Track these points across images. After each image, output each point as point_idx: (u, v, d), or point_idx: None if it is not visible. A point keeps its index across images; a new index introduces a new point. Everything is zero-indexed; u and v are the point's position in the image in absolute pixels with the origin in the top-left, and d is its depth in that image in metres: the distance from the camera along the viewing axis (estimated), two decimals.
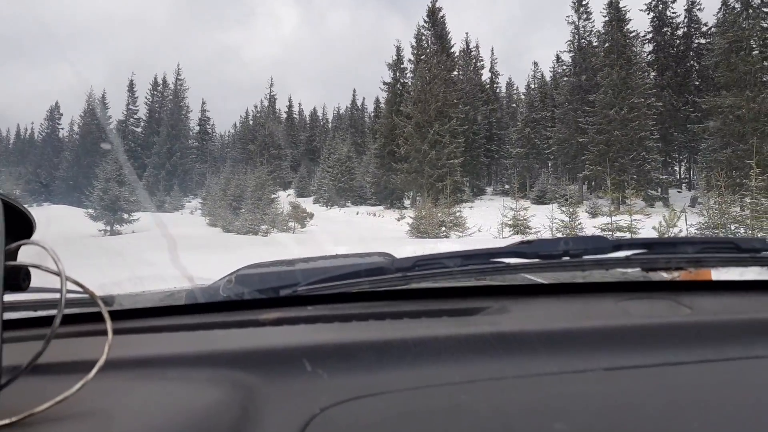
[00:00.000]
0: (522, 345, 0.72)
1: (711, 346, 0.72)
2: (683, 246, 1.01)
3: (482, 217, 25.45)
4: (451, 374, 0.65)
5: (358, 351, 0.70)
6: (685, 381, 0.64)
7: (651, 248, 1.01)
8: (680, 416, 0.55)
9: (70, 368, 0.62)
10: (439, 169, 35.72)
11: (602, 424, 0.53)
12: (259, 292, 0.96)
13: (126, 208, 26.38)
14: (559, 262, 0.96)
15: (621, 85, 33.96)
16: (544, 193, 36.53)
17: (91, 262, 10.13)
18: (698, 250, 1.00)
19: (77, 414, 0.52)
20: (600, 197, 29.86)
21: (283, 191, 49.57)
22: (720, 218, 13.83)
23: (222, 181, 37.54)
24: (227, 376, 0.65)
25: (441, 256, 0.97)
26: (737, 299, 0.98)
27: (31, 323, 0.91)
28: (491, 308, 0.88)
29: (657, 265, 0.99)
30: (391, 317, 0.86)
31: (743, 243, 1.01)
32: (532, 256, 0.97)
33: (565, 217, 18.33)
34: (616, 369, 0.66)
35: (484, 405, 0.58)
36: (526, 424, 0.54)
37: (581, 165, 36.94)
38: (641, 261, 0.98)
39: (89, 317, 0.91)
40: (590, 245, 0.97)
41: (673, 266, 0.99)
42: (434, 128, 36.41)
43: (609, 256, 0.97)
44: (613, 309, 0.88)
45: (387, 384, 0.62)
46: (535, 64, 62.55)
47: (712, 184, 15.41)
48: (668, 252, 1.01)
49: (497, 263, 0.97)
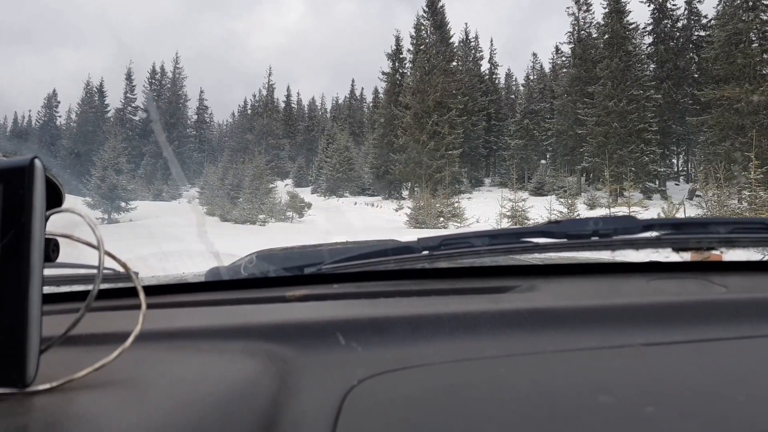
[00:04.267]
0: (557, 321, 0.71)
1: (747, 323, 0.71)
2: (715, 226, 1.01)
3: (480, 208, 25.47)
4: (488, 348, 0.64)
5: (390, 325, 0.70)
6: (724, 356, 0.64)
7: (680, 228, 1.01)
8: (725, 389, 0.55)
9: (105, 339, 0.63)
10: (438, 160, 35.70)
11: (647, 397, 0.53)
12: (284, 270, 0.96)
13: (124, 197, 26.33)
14: (589, 242, 0.96)
15: (620, 77, 33.92)
16: (543, 185, 36.56)
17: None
18: (730, 230, 0.99)
19: (116, 381, 0.53)
20: (598, 189, 29.93)
21: (281, 181, 49.49)
22: (718, 210, 13.88)
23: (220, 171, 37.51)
24: (261, 348, 0.65)
25: (468, 235, 0.97)
26: (766, 278, 0.97)
27: (60, 298, 0.91)
28: (521, 287, 0.87)
29: (688, 245, 0.98)
30: (419, 295, 0.85)
31: None
32: (561, 236, 0.97)
33: (564, 209, 18.38)
34: (653, 345, 0.65)
35: (525, 378, 0.58)
36: (568, 396, 0.53)
37: (580, 157, 36.96)
38: (672, 241, 0.97)
39: (119, 292, 0.92)
40: (620, 225, 0.97)
41: (704, 246, 0.98)
42: (433, 119, 36.36)
43: (639, 236, 0.96)
44: (644, 287, 0.88)
45: (423, 357, 0.62)
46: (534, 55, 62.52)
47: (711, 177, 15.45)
48: (699, 232, 1.01)
49: (525, 242, 0.96)
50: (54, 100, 65.66)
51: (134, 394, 0.51)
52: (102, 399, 0.49)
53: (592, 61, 38.11)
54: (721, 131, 29.54)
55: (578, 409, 0.51)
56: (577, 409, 0.51)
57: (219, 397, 0.50)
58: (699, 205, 15.19)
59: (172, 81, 60.85)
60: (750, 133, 22.84)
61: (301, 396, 0.54)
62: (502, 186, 37.83)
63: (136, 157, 50.24)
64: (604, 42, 36.53)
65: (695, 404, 0.52)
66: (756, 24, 30.10)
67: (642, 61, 37.42)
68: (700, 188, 17.02)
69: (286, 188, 40.26)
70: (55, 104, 65.54)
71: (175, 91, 60.37)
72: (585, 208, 23.79)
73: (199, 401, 0.49)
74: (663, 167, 37.51)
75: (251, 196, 26.19)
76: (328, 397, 0.53)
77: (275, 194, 28.40)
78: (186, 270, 1.24)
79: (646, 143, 33.30)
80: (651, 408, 0.50)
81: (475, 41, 54.07)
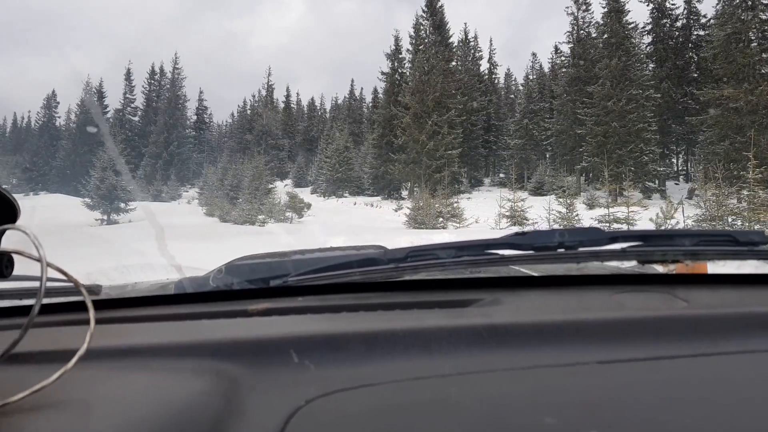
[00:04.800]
0: (514, 337, 0.71)
1: (706, 339, 0.71)
2: (680, 239, 1.01)
3: (480, 208, 25.46)
4: (440, 366, 0.64)
5: (346, 342, 0.69)
6: (679, 375, 0.64)
7: (647, 240, 1.00)
8: (673, 410, 0.55)
9: (50, 357, 0.61)
10: (437, 160, 35.68)
11: (593, 418, 0.53)
12: (248, 282, 0.95)
13: (123, 198, 26.32)
14: (554, 254, 0.96)
15: (619, 77, 33.90)
16: (542, 185, 36.53)
17: (81, 251, 10.10)
18: (695, 242, 0.99)
19: (54, 404, 0.51)
20: (597, 189, 29.92)
21: (281, 181, 49.48)
22: (717, 210, 13.86)
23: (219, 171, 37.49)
24: (211, 367, 0.64)
25: (434, 247, 0.96)
26: (734, 293, 0.96)
27: (13, 312, 0.90)
28: (484, 300, 0.87)
29: (653, 257, 0.98)
30: (382, 308, 0.85)
31: (741, 236, 1.00)
32: (527, 247, 0.96)
33: (563, 209, 18.36)
34: (609, 362, 0.65)
35: (474, 398, 0.57)
36: (515, 417, 0.54)
37: (579, 156, 36.94)
38: (637, 253, 0.97)
39: (74, 306, 0.90)
40: (586, 237, 0.96)
41: (670, 259, 0.98)
42: (432, 119, 36.33)
43: (604, 248, 0.96)
44: (607, 301, 0.87)
45: (375, 376, 0.62)
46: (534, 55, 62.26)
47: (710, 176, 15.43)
48: (665, 244, 1.01)
49: (491, 255, 0.96)
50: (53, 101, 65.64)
51: (70, 418, 0.50)
52: (35, 424, 0.47)
53: (592, 60, 38.09)
54: (721, 131, 29.52)
55: (523, 430, 0.51)
56: (521, 430, 0.51)
57: (158, 421, 0.49)
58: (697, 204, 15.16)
59: (171, 81, 60.82)
60: (749, 132, 22.82)
61: (245, 417, 0.53)
62: (502, 186, 37.81)
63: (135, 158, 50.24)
64: (604, 42, 36.51)
65: (639, 426, 0.52)
66: (755, 23, 30.08)
67: (641, 61, 37.38)
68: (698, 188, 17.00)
69: (285, 189, 40.25)
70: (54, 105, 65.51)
71: (175, 91, 60.31)
72: (584, 208, 23.77)
73: (136, 426, 0.47)
74: (663, 167, 37.49)
75: (250, 197, 26.18)
76: (272, 419, 0.52)
77: (275, 195, 28.38)
78: (147, 282, 1.22)
79: (645, 143, 33.27)
80: (594, 431, 0.50)
81: (474, 41, 54.03)
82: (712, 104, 30.44)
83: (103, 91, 60.78)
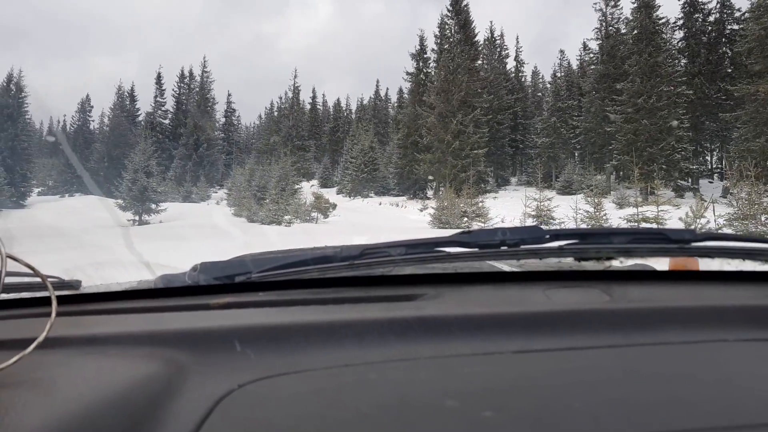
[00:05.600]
0: (440, 328, 0.75)
1: (620, 332, 0.75)
2: (615, 236, 1.04)
3: (506, 208, 25.24)
4: (368, 354, 0.69)
5: (287, 333, 0.73)
6: (587, 364, 0.67)
7: (584, 238, 1.04)
8: (573, 396, 0.58)
9: (16, 345, 0.64)
10: (463, 160, 35.52)
11: (490, 402, 0.56)
12: (215, 279, 1.00)
13: (154, 199, 26.87)
14: (497, 252, 1.01)
15: (649, 73, 33.20)
16: (570, 183, 36.05)
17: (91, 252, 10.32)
18: (629, 240, 1.03)
19: (12, 384, 0.56)
20: (628, 188, 29.33)
21: (307, 182, 49.89)
22: (750, 209, 13.49)
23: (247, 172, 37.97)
24: (162, 354, 0.68)
25: (387, 245, 1.01)
26: (659, 289, 0.99)
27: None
28: (427, 295, 0.92)
29: (588, 254, 1.01)
30: (333, 303, 0.90)
31: (672, 233, 1.03)
32: (473, 245, 1.01)
33: (590, 208, 18.07)
34: (524, 352, 0.70)
35: (390, 382, 0.62)
36: (422, 399, 0.58)
37: (608, 155, 36.32)
38: (573, 251, 1.01)
39: (45, 301, 0.95)
40: (527, 235, 1.01)
41: (603, 256, 1.01)
42: (457, 118, 36.18)
43: (543, 246, 1.00)
44: (538, 296, 0.91)
45: (309, 363, 0.66)
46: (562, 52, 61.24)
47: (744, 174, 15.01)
48: (599, 242, 1.04)
49: (438, 252, 1.00)
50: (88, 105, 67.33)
51: (24, 397, 0.54)
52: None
53: (621, 57, 37.42)
54: (756, 127, 28.66)
55: (424, 411, 0.55)
56: (423, 411, 0.55)
57: (100, 401, 0.53)
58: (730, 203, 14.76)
59: (201, 85, 61.81)
60: None
61: (181, 398, 0.57)
62: (529, 185, 37.42)
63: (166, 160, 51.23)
64: (633, 37, 35.79)
65: (532, 409, 0.55)
66: None
67: (672, 56, 36.55)
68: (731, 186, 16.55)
69: (311, 189, 40.56)
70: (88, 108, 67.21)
71: (204, 94, 61.28)
72: (614, 207, 23.35)
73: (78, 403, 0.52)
74: (696, 165, 36.60)
75: (277, 197, 26.45)
76: (204, 400, 0.56)
77: (300, 195, 28.62)
78: (121, 279, 1.29)
79: (677, 140, 32.51)
80: (489, 412, 0.54)
81: (500, 39, 53.58)
82: (747, 100, 29.58)
83: (134, 95, 62.23)
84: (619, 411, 0.55)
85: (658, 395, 0.59)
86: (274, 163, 37.59)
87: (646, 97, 32.75)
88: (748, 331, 0.77)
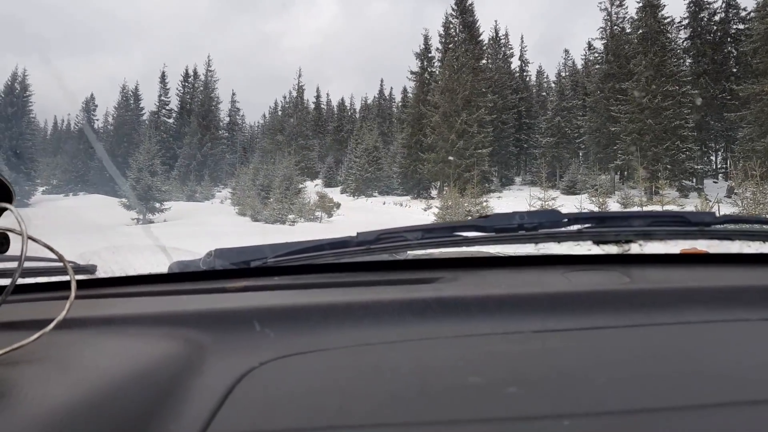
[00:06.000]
0: (459, 309, 0.75)
1: (641, 312, 0.75)
2: (634, 219, 1.03)
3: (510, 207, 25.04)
4: (387, 334, 0.69)
5: (305, 314, 0.74)
6: (607, 343, 0.67)
7: (602, 222, 1.04)
8: (589, 373, 0.58)
9: (32, 326, 0.65)
10: (467, 159, 35.47)
11: (516, 378, 0.57)
12: (231, 264, 1.01)
13: (158, 198, 26.94)
14: (514, 235, 1.00)
15: (655, 73, 33.09)
16: (575, 183, 35.96)
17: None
18: (648, 223, 1.02)
19: (32, 360, 0.57)
20: (632, 187, 29.25)
21: (311, 181, 49.86)
22: (754, 208, 13.44)
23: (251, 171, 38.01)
24: (182, 334, 0.69)
25: (403, 230, 1.01)
26: (680, 271, 0.98)
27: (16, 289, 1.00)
28: (444, 278, 0.91)
29: (606, 237, 1.01)
30: (349, 286, 0.91)
31: (692, 216, 1.02)
32: (490, 229, 1.00)
33: (595, 208, 18.04)
34: (543, 331, 0.70)
35: (410, 361, 0.62)
36: (442, 377, 0.58)
37: (613, 154, 36.23)
38: (591, 234, 1.01)
39: (61, 285, 0.97)
40: (545, 219, 1.00)
41: (623, 239, 1.00)
42: (462, 118, 36.13)
43: (561, 230, 0.99)
44: (557, 278, 0.91)
45: (327, 342, 0.67)
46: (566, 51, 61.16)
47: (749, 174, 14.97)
48: (618, 225, 1.04)
49: (455, 237, 1.00)
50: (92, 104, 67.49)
51: (46, 372, 0.55)
52: (13, 375, 0.53)
53: (626, 56, 37.31)
54: (761, 127, 28.54)
55: (447, 387, 0.55)
56: (446, 388, 0.55)
57: (120, 377, 0.54)
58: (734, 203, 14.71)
59: (205, 84, 61.88)
60: None
61: (202, 375, 0.58)
62: (533, 185, 37.32)
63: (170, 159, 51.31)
64: (638, 37, 35.67)
65: (556, 386, 0.55)
66: None
67: (678, 56, 36.41)
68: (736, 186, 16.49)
69: (315, 188, 40.57)
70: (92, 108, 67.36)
71: (208, 93, 61.35)
72: (618, 207, 23.30)
73: (100, 380, 0.53)
74: (701, 165, 36.44)
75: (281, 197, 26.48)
76: (226, 377, 0.57)
77: (305, 194, 28.65)
78: (137, 262, 1.31)
79: (682, 140, 32.40)
80: (513, 388, 0.54)
81: (505, 39, 53.50)
82: (752, 100, 29.45)
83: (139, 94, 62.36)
84: (642, 386, 0.55)
85: (680, 372, 0.59)
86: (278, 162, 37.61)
87: (651, 97, 32.64)
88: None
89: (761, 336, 0.70)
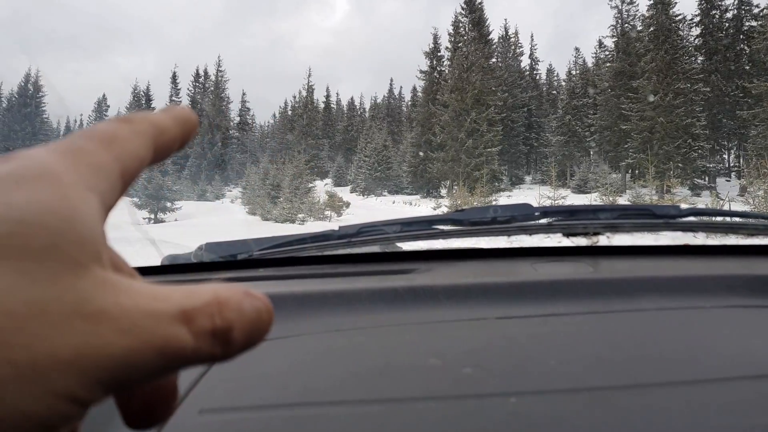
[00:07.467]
0: (429, 297, 0.80)
1: (600, 300, 0.79)
2: (601, 212, 1.08)
3: None
4: (359, 320, 0.73)
5: (282, 302, 0.77)
6: (563, 328, 0.70)
7: (572, 215, 1.08)
8: (543, 356, 0.61)
9: None
10: (477, 158, 35.39)
11: (470, 361, 0.60)
12: (219, 257, 1.06)
13: (169, 197, 27.14)
14: (488, 228, 1.05)
15: (666, 71, 32.82)
16: (585, 182, 35.75)
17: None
18: (615, 216, 1.06)
19: None
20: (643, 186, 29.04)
21: (321, 180, 49.98)
22: (766, 207, 13.32)
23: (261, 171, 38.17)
24: None
25: (383, 223, 1.06)
26: (645, 262, 1.02)
27: None
28: (419, 269, 0.96)
29: (575, 230, 1.05)
30: (329, 276, 0.95)
31: (658, 209, 1.06)
32: (465, 223, 1.05)
33: None
34: (507, 318, 0.73)
35: (378, 345, 0.66)
36: (404, 359, 0.62)
37: (624, 153, 35.97)
38: (561, 227, 1.05)
39: None
40: (518, 212, 1.05)
41: (591, 231, 1.04)
42: (471, 116, 36.05)
43: (533, 223, 1.04)
44: (525, 268, 0.95)
45: (302, 328, 0.71)
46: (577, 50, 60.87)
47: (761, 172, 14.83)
48: (586, 218, 1.08)
49: (433, 230, 1.05)
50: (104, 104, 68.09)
51: None
52: None
53: (636, 54, 37.01)
54: None
55: (407, 368, 0.59)
56: (406, 368, 0.59)
57: None
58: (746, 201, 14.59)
59: (215, 84, 62.21)
60: None
61: None
62: (543, 183, 37.14)
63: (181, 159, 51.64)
64: (649, 35, 35.39)
65: (509, 367, 0.59)
66: None
67: (689, 54, 36.08)
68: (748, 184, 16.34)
69: (325, 187, 40.67)
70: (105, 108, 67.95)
71: (218, 93, 61.69)
72: None
73: None
74: (713, 163, 36.11)
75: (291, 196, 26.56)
76: None
77: (314, 194, 28.73)
78: (126, 256, 1.35)
79: (694, 138, 32.11)
80: (468, 369, 0.57)
81: (515, 37, 53.27)
82: (765, 97, 29.14)
83: (150, 94, 62.78)
84: (590, 367, 0.58)
85: (628, 354, 0.62)
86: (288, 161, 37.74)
87: (663, 95, 32.38)
88: (725, 299, 0.81)
89: (712, 322, 0.73)
